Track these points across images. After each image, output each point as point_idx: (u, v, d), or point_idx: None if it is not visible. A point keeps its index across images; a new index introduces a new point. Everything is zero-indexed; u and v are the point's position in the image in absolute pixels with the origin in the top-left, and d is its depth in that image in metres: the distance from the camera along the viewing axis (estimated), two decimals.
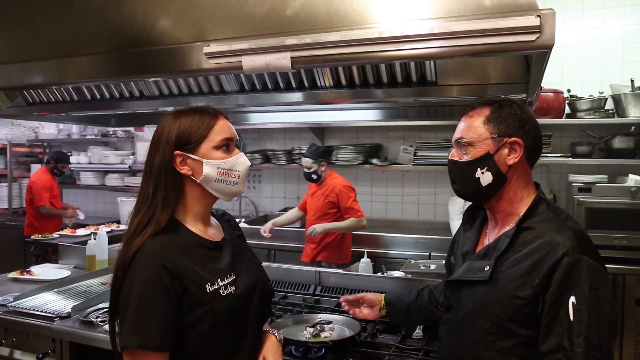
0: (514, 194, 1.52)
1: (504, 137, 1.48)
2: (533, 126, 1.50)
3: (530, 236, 1.44)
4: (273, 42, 1.46)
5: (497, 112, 1.51)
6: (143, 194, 1.45)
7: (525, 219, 1.47)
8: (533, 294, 1.37)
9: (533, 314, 1.38)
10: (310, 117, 3.33)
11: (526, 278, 1.39)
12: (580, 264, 1.34)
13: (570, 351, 1.30)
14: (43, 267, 3.40)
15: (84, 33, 1.89)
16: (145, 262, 1.35)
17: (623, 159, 4.06)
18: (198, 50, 1.59)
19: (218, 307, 1.40)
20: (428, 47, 1.34)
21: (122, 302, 1.35)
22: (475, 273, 1.50)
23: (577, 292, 1.32)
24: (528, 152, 1.50)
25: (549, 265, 1.35)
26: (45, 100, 2.79)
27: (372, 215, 5.21)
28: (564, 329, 1.32)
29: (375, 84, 2.08)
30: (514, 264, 1.43)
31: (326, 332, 2.09)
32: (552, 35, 1.23)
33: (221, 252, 1.52)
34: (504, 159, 1.49)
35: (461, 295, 1.55)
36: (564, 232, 1.40)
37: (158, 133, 1.47)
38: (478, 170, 1.50)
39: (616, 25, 4.37)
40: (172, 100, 2.46)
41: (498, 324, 1.43)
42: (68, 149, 6.92)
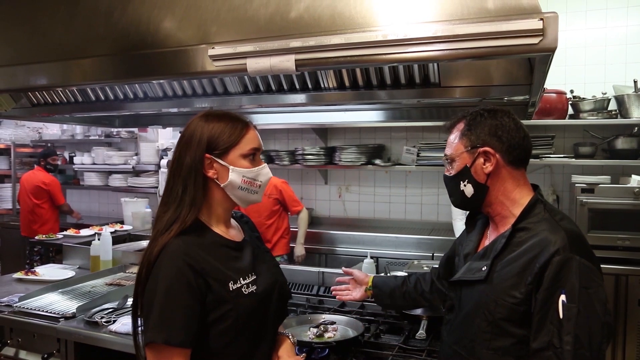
0: (504, 197, 1.56)
1: (476, 148, 1.55)
2: (508, 131, 1.54)
3: (525, 236, 1.47)
4: (277, 45, 1.47)
5: (468, 125, 1.58)
6: (171, 192, 1.46)
7: (521, 220, 1.50)
8: (526, 293, 1.40)
9: (527, 313, 1.41)
10: (313, 118, 3.34)
11: (519, 277, 1.42)
12: (570, 263, 1.36)
13: (559, 349, 1.33)
14: (48, 268, 3.43)
15: (89, 35, 1.90)
16: (170, 259, 1.37)
17: (626, 160, 4.07)
18: (203, 53, 1.59)
19: (240, 306, 1.43)
20: (431, 50, 1.34)
21: (147, 299, 1.37)
22: (473, 273, 1.55)
23: (567, 290, 1.34)
24: (506, 156, 1.54)
25: (541, 263, 1.38)
26: (49, 101, 2.81)
27: (375, 216, 5.23)
28: (554, 327, 1.34)
29: (378, 86, 2.09)
30: (509, 263, 1.46)
31: (330, 332, 2.10)
32: (554, 38, 1.24)
33: (242, 252, 1.55)
34: (481, 169, 1.55)
35: (462, 295, 1.59)
36: (557, 231, 1.42)
37: (189, 133, 1.48)
38: (461, 184, 1.59)
39: (619, 26, 4.37)
40: (176, 102, 2.46)
41: (493, 323, 1.46)
42: (72, 149, 6.95)
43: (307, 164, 4.99)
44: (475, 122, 1.58)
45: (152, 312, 1.34)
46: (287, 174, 5.57)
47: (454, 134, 1.63)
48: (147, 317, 1.36)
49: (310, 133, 5.34)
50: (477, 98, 2.17)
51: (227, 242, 1.52)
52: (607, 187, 3.87)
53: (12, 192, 6.76)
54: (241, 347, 1.46)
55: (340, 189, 5.41)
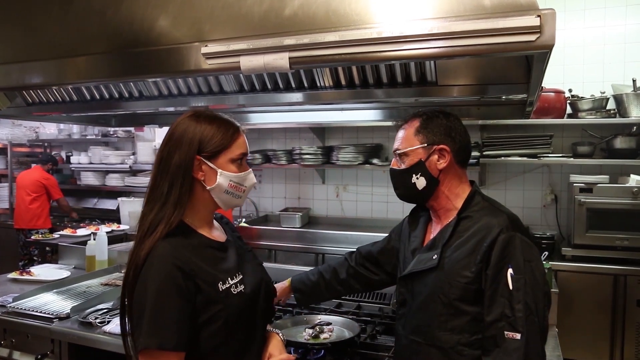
0: (449, 192, 1.72)
1: (433, 145, 1.69)
2: (459, 133, 1.72)
3: (469, 223, 1.63)
4: (271, 43, 1.45)
5: (425, 123, 1.72)
6: (156, 191, 1.45)
7: (464, 209, 1.67)
8: (476, 271, 1.55)
9: (478, 291, 1.55)
10: (310, 117, 3.32)
11: (469, 258, 1.57)
12: (514, 240, 1.53)
13: (512, 317, 1.47)
14: (43, 268, 3.40)
15: (83, 33, 1.88)
16: (158, 262, 1.36)
17: (625, 159, 4.04)
18: (196, 51, 1.58)
19: (230, 306, 1.43)
20: (427, 47, 1.32)
21: (137, 304, 1.35)
22: (425, 263, 1.67)
23: (513, 264, 1.50)
24: (456, 156, 1.71)
25: (488, 243, 1.54)
26: (44, 100, 2.79)
27: (372, 216, 5.21)
28: (505, 299, 1.48)
29: (375, 84, 2.07)
30: (457, 248, 1.61)
31: (325, 333, 2.09)
32: (552, 36, 1.22)
33: (227, 253, 1.55)
34: (435, 164, 1.70)
35: (414, 287, 1.71)
36: (498, 215, 1.60)
37: (179, 132, 1.47)
38: (413, 176, 1.72)
39: (618, 25, 4.35)
40: (171, 101, 2.45)
41: (449, 304, 1.59)
42: (69, 149, 6.93)
43: (305, 163, 4.97)
44: (432, 121, 1.72)
45: (143, 318, 1.32)
46: (284, 173, 5.56)
47: (407, 130, 1.75)
48: (138, 323, 1.34)
49: (308, 132, 5.32)
50: (475, 96, 2.15)
51: (212, 243, 1.52)
52: (605, 187, 3.85)
53: (9, 192, 6.73)
54: (232, 348, 1.45)
55: (338, 189, 5.39)
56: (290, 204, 5.55)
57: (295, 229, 4.90)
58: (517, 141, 4.28)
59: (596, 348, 3.74)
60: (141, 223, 1.45)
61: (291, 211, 5.22)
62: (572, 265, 3.81)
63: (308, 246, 4.57)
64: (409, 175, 1.72)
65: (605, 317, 3.73)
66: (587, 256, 3.83)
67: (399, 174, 1.75)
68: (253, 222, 5.23)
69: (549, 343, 2.16)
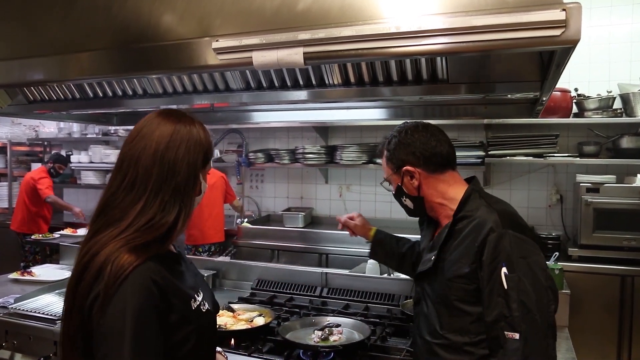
0: (441, 199, 1.71)
1: (400, 169, 1.73)
2: (419, 145, 1.71)
3: (465, 223, 1.61)
4: (285, 37, 1.41)
5: (388, 150, 1.78)
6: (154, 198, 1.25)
7: (459, 210, 1.64)
8: (471, 272, 1.54)
9: (476, 291, 1.54)
10: (314, 115, 3.28)
11: (464, 259, 1.56)
12: (505, 237, 1.50)
13: (509, 317, 1.45)
14: (44, 268, 3.36)
15: (88, 29, 1.84)
16: (135, 275, 1.16)
17: (631, 159, 4.00)
18: (206, 46, 1.53)
19: (202, 325, 1.30)
20: (447, 42, 1.28)
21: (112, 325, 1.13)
22: (425, 265, 1.70)
23: (506, 262, 1.47)
24: (426, 168, 1.71)
25: (479, 243, 1.52)
26: (46, 98, 2.74)
27: (376, 216, 5.16)
28: (501, 299, 1.46)
29: (384, 82, 2.03)
30: (454, 249, 1.61)
31: (335, 335, 2.05)
32: (577, 30, 1.18)
33: (182, 266, 1.38)
34: (410, 185, 1.73)
35: (424, 287, 1.74)
36: (490, 213, 1.57)
37: (183, 134, 1.30)
38: (402, 199, 1.80)
39: (624, 24, 4.31)
40: (175, 98, 2.40)
41: (450, 306, 1.59)
42: (69, 147, 6.87)
43: (308, 163, 4.92)
44: (390, 146, 1.78)
45: (123, 345, 1.11)
46: (286, 173, 5.52)
47: (383, 160, 1.83)
48: (116, 349, 1.12)
49: (311, 131, 5.28)
50: (485, 94, 2.11)
51: (172, 254, 1.36)
52: (612, 187, 3.82)
53: (8, 191, 6.68)
54: None
55: (341, 189, 5.34)
56: (293, 204, 5.52)
57: (298, 229, 4.87)
58: (522, 141, 4.25)
59: (603, 350, 3.71)
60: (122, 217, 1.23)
61: (294, 211, 5.18)
62: (579, 265, 3.77)
63: (311, 246, 4.54)
64: (399, 198, 1.81)
65: (612, 318, 3.70)
66: (594, 257, 3.80)
67: (395, 198, 1.84)
68: (255, 222, 5.19)
69: (561, 345, 2.12)
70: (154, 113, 1.34)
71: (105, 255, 1.18)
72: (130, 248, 1.18)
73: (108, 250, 1.18)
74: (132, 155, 1.28)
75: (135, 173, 1.26)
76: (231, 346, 2.03)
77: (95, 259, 1.18)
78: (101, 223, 1.25)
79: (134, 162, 1.27)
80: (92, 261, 1.19)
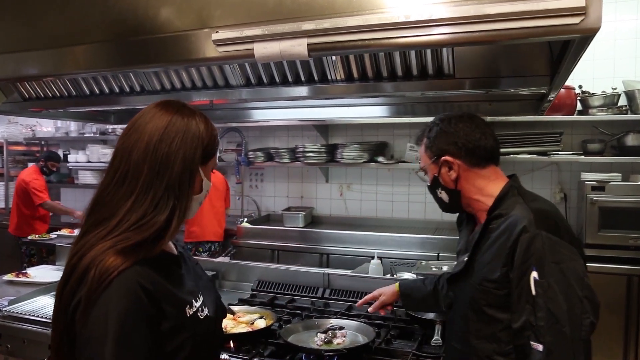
0: (479, 195, 1.62)
1: (438, 158, 1.64)
2: (463, 136, 1.61)
3: (499, 222, 1.52)
4: (288, 28, 1.34)
5: (428, 137, 1.68)
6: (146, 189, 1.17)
7: (495, 208, 1.55)
8: (502, 276, 1.45)
9: (508, 296, 1.44)
10: (314, 113, 3.22)
11: (495, 261, 1.47)
12: (538, 239, 1.39)
13: (535, 326, 1.36)
14: (40, 269, 3.28)
15: (83, 21, 1.77)
16: (120, 280, 1.09)
17: (636, 157, 3.96)
18: (205, 38, 1.47)
19: (198, 333, 1.22)
20: (458, 32, 1.21)
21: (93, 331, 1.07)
22: (459, 267, 1.63)
23: (537, 267, 1.38)
24: (467, 160, 1.61)
25: (510, 243, 1.43)
26: (41, 95, 2.68)
27: (377, 215, 5.12)
28: (529, 305, 1.37)
29: (388, 77, 1.96)
30: (486, 250, 1.52)
31: (338, 338, 1.98)
32: (598, 18, 1.13)
33: (182, 269, 1.32)
34: (447, 177, 1.64)
35: (456, 291, 1.68)
36: (525, 211, 1.47)
37: (183, 125, 1.22)
38: (437, 192, 1.70)
39: (629, 20, 4.26)
40: (174, 95, 2.34)
41: (480, 311, 1.51)
42: (66, 147, 6.81)
43: (308, 161, 4.86)
44: (432, 133, 1.68)
45: (104, 352, 1.04)
46: (286, 172, 5.46)
47: (421, 147, 1.73)
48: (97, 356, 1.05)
49: (311, 130, 5.22)
50: (492, 89, 2.05)
51: (170, 257, 1.29)
52: (618, 185, 3.77)
53: (4, 191, 6.61)
54: None
55: (342, 188, 5.29)
56: (293, 203, 5.46)
57: (298, 228, 4.82)
58: (526, 138, 4.19)
59: (609, 350, 3.65)
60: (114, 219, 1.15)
61: (294, 210, 5.12)
62: None
63: (311, 246, 4.49)
64: (434, 191, 1.72)
65: (618, 319, 3.64)
66: (599, 256, 3.74)
67: (430, 190, 1.76)
68: (255, 221, 5.13)
69: None
70: (152, 104, 1.27)
71: (90, 258, 1.11)
72: (118, 250, 1.11)
73: (94, 253, 1.11)
74: (125, 148, 1.21)
75: (127, 167, 1.18)
76: (231, 350, 1.97)
77: (82, 261, 1.12)
78: (91, 222, 1.18)
79: (126, 156, 1.19)
80: (78, 264, 1.12)
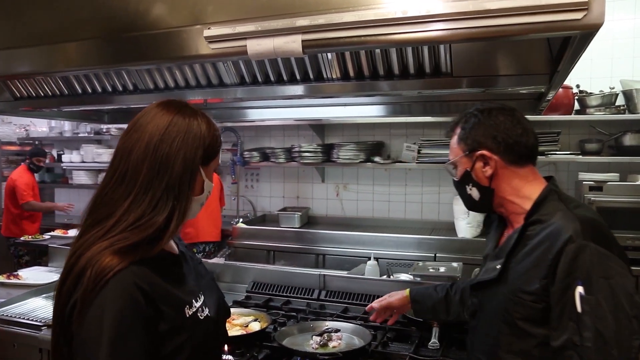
0: (513, 196, 1.50)
1: (473, 152, 1.52)
2: (504, 130, 1.49)
3: (538, 229, 1.40)
4: (282, 24, 1.31)
5: (464, 128, 1.55)
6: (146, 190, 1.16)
7: (533, 213, 1.44)
8: (541, 288, 1.33)
9: (546, 310, 1.33)
10: (310, 113, 3.19)
11: (533, 271, 1.36)
12: (585, 251, 1.27)
13: (580, 347, 1.24)
14: (32, 271, 3.24)
15: (73, 18, 1.73)
16: (116, 280, 1.08)
17: (634, 157, 3.93)
18: (197, 34, 1.44)
19: (197, 334, 1.21)
20: (458, 27, 1.19)
21: (89, 333, 1.06)
22: (489, 273, 1.50)
23: (584, 281, 1.26)
24: (506, 156, 1.49)
25: (553, 254, 1.31)
26: (33, 94, 2.63)
27: (374, 215, 5.09)
28: (573, 322, 1.26)
29: (385, 76, 1.93)
30: (522, 258, 1.40)
31: (334, 341, 1.96)
32: (601, 13, 1.09)
33: (183, 268, 1.31)
34: (481, 172, 1.52)
35: (482, 299, 1.55)
36: (570, 220, 1.34)
37: (180, 126, 1.20)
38: (467, 188, 1.57)
39: (626, 19, 4.23)
40: (167, 94, 2.30)
41: (513, 324, 1.39)
42: (60, 147, 6.77)
43: (304, 161, 4.82)
44: (468, 124, 1.54)
45: (99, 354, 1.03)
46: (282, 172, 5.42)
47: (453, 138, 1.60)
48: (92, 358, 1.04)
49: (307, 129, 5.18)
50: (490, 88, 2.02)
51: (170, 256, 1.28)
52: (616, 185, 3.74)
53: None
54: None
55: (338, 188, 5.25)
56: (289, 204, 5.42)
57: (294, 229, 4.78)
58: None
59: None
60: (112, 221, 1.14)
61: (290, 211, 5.08)
62: None
63: (307, 247, 4.45)
64: (463, 187, 1.59)
65: None
66: None
67: (456, 185, 1.63)
68: (251, 222, 5.09)
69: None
70: (154, 103, 1.26)
71: (87, 259, 1.10)
72: (115, 250, 1.10)
73: (90, 253, 1.10)
74: (125, 148, 1.20)
75: (126, 167, 1.18)
76: (225, 353, 1.94)
77: (79, 261, 1.11)
78: (89, 221, 1.18)
79: (126, 155, 1.19)
80: (76, 264, 1.11)
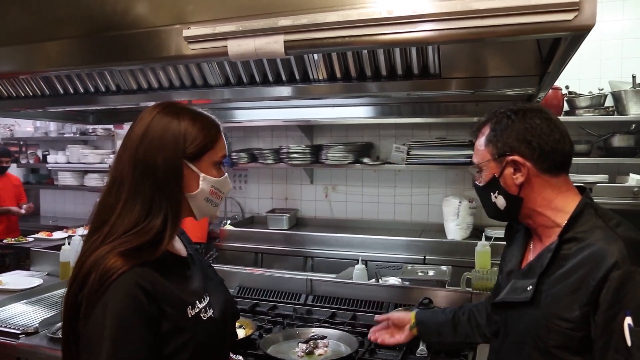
0: (544, 208, 1.37)
1: (504, 157, 1.38)
2: (539, 135, 1.35)
3: (575, 248, 1.28)
4: (263, 24, 1.27)
5: (494, 129, 1.41)
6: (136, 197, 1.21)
7: (568, 229, 1.31)
8: (581, 315, 1.22)
9: (586, 339, 1.22)
10: (298, 114, 3.15)
11: (572, 297, 1.24)
12: (633, 278, 1.17)
13: None
14: (12, 275, 3.15)
15: (48, 17, 1.68)
16: (118, 281, 1.12)
17: (623, 158, 3.92)
18: (177, 34, 1.39)
19: (200, 334, 1.22)
20: (444, 28, 1.15)
21: (92, 332, 1.11)
22: (518, 294, 1.36)
23: (633, 311, 1.15)
24: (539, 164, 1.35)
25: (596, 280, 1.19)
26: (13, 95, 2.57)
27: (363, 217, 5.05)
28: (621, 356, 1.15)
29: (372, 77, 1.89)
30: (558, 281, 1.28)
31: (320, 348, 1.91)
32: (592, 14, 1.07)
33: (190, 270, 1.35)
34: (511, 179, 1.38)
35: (508, 319, 1.42)
36: (613, 241, 1.23)
37: (158, 129, 1.23)
38: (492, 195, 1.43)
39: (615, 20, 4.23)
40: (151, 95, 2.26)
41: (547, 351, 1.27)
42: (46, 147, 6.66)
43: (292, 162, 4.78)
44: (500, 126, 1.40)
45: (100, 352, 1.08)
46: (271, 173, 5.37)
47: (480, 139, 1.46)
48: (94, 356, 1.09)
49: (295, 130, 5.14)
50: (479, 90, 1.99)
51: (176, 258, 1.32)
52: (605, 187, 3.72)
53: None
54: None
55: (327, 189, 5.20)
56: (277, 205, 5.37)
57: (283, 231, 4.73)
58: None
59: None
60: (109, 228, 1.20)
61: (278, 212, 5.03)
62: None
63: (296, 249, 4.42)
64: (487, 193, 1.44)
65: None
66: None
67: (480, 191, 1.49)
68: (238, 224, 5.04)
69: None
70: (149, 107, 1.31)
71: (91, 262, 1.15)
72: (119, 253, 1.15)
73: (95, 257, 1.15)
74: (119, 155, 1.27)
75: (116, 174, 1.25)
76: None
77: (84, 265, 1.16)
78: (91, 229, 1.25)
79: (117, 163, 1.26)
80: (82, 267, 1.17)
